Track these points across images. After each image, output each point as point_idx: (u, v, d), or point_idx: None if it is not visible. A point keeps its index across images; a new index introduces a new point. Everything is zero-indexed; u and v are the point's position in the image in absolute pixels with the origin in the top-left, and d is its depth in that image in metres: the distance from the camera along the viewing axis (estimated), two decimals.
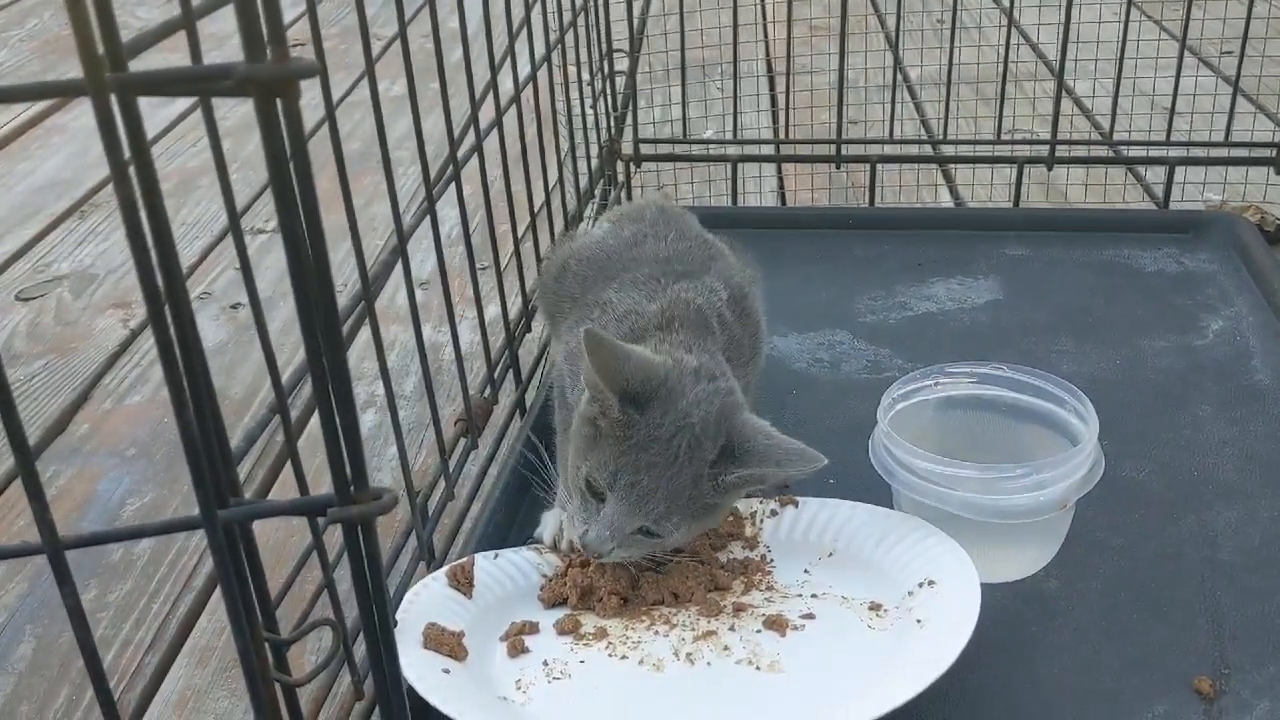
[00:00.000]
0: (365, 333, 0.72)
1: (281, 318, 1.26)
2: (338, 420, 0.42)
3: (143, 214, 0.39)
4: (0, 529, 0.96)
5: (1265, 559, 0.82)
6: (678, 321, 0.81)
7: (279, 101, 0.38)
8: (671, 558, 0.79)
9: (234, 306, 1.33)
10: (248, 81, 0.37)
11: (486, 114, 0.92)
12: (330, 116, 0.62)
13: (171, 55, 0.45)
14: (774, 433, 0.76)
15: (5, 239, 1.52)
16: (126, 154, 0.39)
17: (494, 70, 0.92)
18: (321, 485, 0.88)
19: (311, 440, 1.01)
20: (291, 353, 1.19)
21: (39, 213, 1.58)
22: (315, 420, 1.06)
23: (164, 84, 0.39)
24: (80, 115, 1.91)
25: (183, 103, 1.87)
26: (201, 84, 0.39)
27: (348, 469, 0.42)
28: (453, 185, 0.86)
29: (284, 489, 0.93)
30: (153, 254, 0.40)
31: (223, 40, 0.82)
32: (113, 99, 0.37)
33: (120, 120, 0.38)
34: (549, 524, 0.84)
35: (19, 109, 1.93)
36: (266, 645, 0.52)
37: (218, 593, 0.89)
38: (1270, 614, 0.78)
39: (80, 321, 1.32)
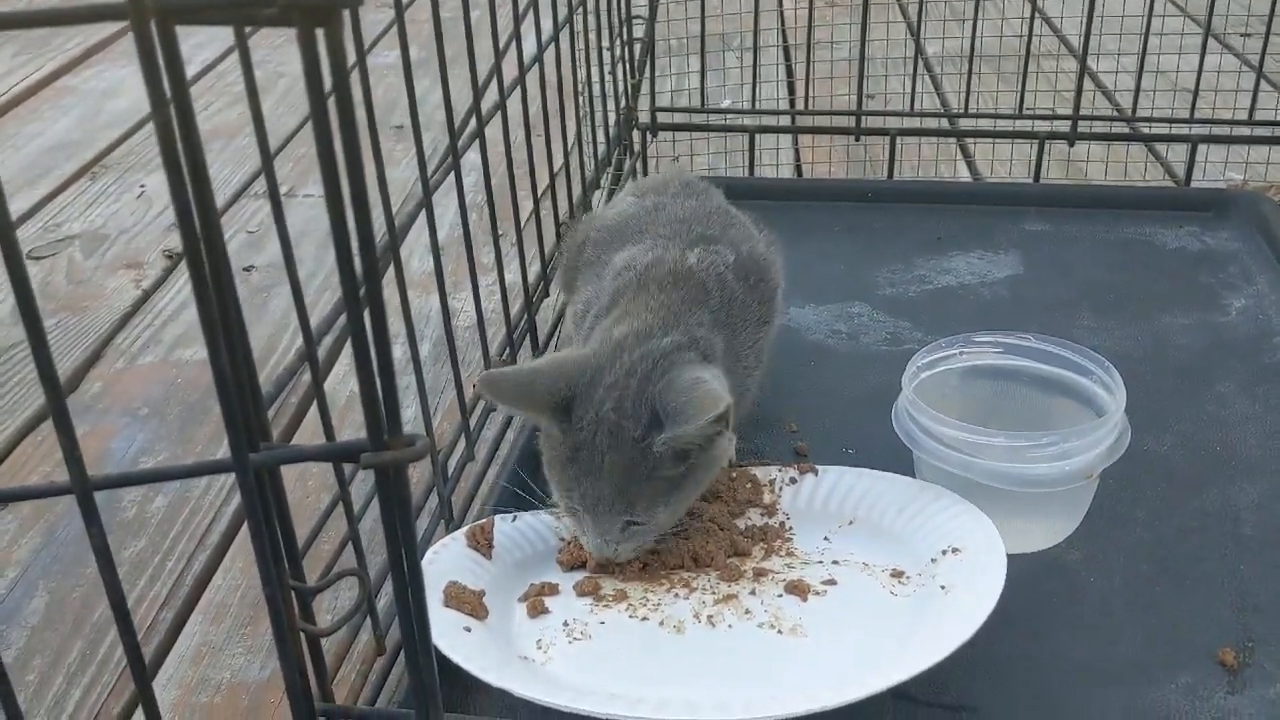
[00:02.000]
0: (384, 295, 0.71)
1: (300, 275, 1.25)
2: (374, 362, 0.42)
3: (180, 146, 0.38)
4: (18, 483, 0.95)
5: None
6: (655, 280, 0.80)
7: (321, 33, 0.37)
8: (690, 523, 0.79)
9: (246, 269, 1.32)
10: (291, 8, 0.36)
11: (505, 82, 0.91)
12: (361, 61, 0.61)
13: None
14: (702, 382, 0.72)
15: (16, 198, 1.51)
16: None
17: (517, 28, 0.91)
18: (341, 438, 0.87)
19: (329, 397, 1.00)
20: (309, 310, 1.18)
21: (49, 173, 1.57)
22: (334, 377, 1.06)
23: (205, 10, 0.38)
24: (91, 77, 1.90)
25: (196, 65, 1.85)
26: (244, 11, 0.38)
27: (383, 413, 0.42)
28: (469, 153, 0.85)
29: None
30: (189, 185, 0.39)
31: None
32: (153, 26, 0.37)
33: (159, 49, 0.38)
34: None
35: (31, 69, 1.92)
36: (293, 594, 0.52)
37: (233, 549, 0.89)
38: None
39: (92, 281, 1.31)
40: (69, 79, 1.91)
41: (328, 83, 0.36)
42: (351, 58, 0.43)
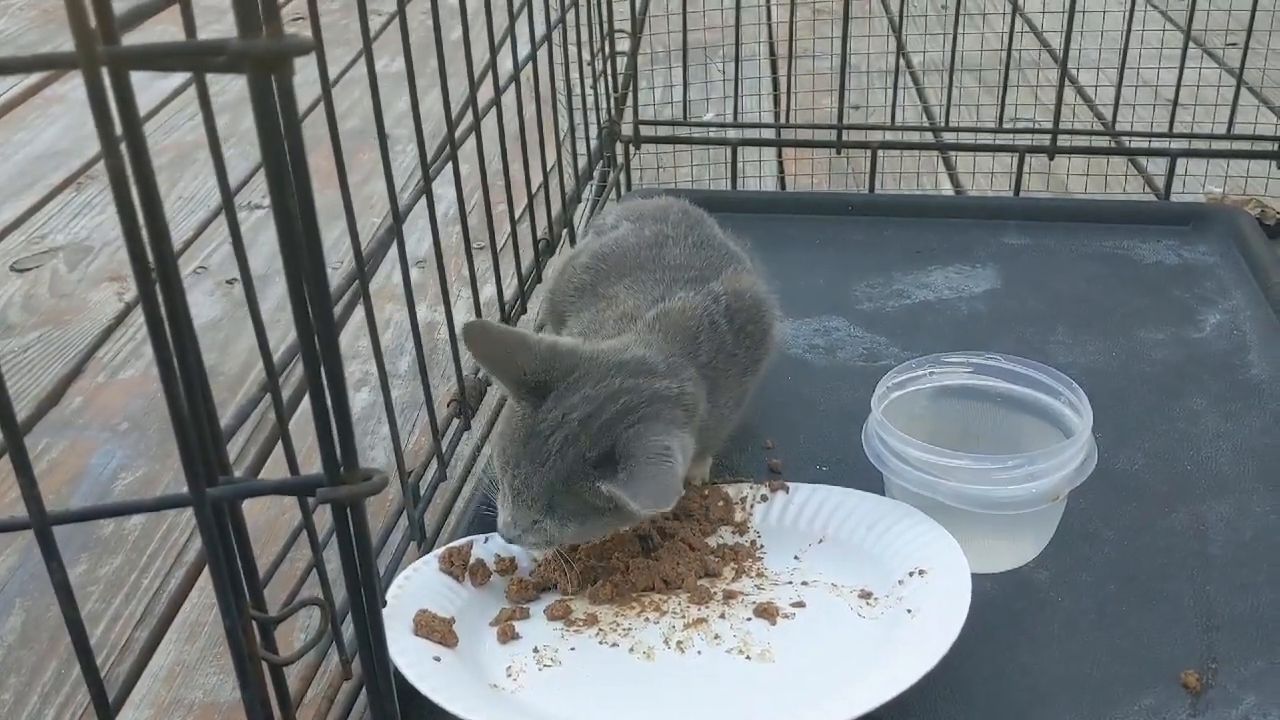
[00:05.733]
0: (360, 310, 0.72)
1: (276, 294, 1.25)
2: (328, 400, 0.42)
3: (134, 189, 0.39)
4: None
5: (1256, 553, 0.82)
6: (661, 327, 0.79)
7: (273, 78, 0.37)
8: (662, 544, 0.79)
9: (229, 281, 1.33)
10: (241, 57, 0.37)
11: (485, 94, 0.91)
12: (326, 94, 0.62)
13: (170, 28, 0.44)
14: (664, 461, 0.70)
15: (2, 209, 1.51)
16: (118, 128, 0.39)
17: (493, 50, 0.91)
18: (313, 465, 0.88)
19: (303, 420, 1.01)
20: (285, 330, 1.18)
21: (35, 183, 1.58)
22: (308, 399, 1.06)
23: (156, 58, 0.39)
24: (79, 86, 1.89)
25: (180, 76, 1.86)
26: (195, 59, 0.39)
27: (337, 449, 0.42)
28: (449, 165, 0.85)
29: (275, 468, 0.93)
30: (143, 229, 0.39)
31: (221, 14, 0.82)
32: (104, 73, 0.37)
33: (112, 94, 0.38)
34: None
35: (17, 78, 1.92)
36: (254, 623, 0.52)
37: (208, 568, 0.89)
38: (1259, 608, 0.78)
39: (75, 294, 1.32)
40: (57, 87, 1.91)
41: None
42: (336, 69, 0.43)
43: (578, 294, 0.88)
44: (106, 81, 0.38)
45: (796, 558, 0.80)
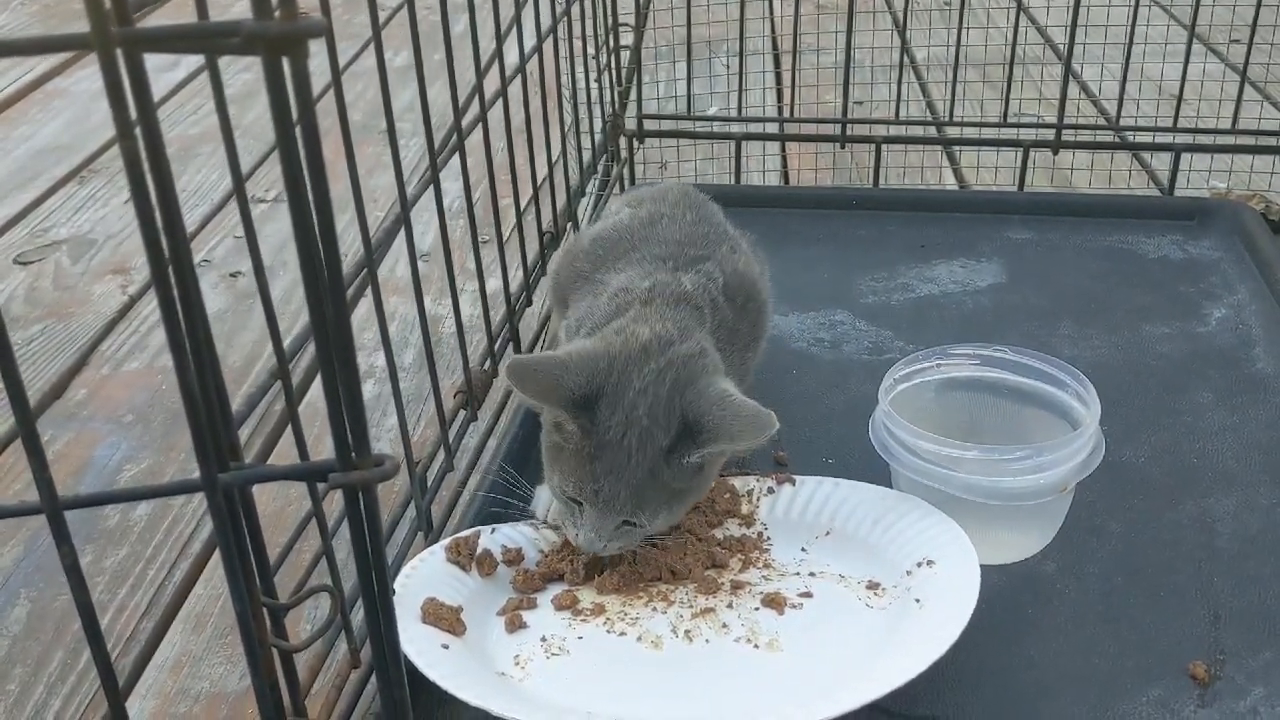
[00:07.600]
0: (365, 303, 0.72)
1: (281, 286, 1.25)
2: (340, 384, 0.42)
3: (147, 173, 0.39)
4: (2, 490, 0.95)
5: (1263, 546, 0.82)
6: (660, 299, 0.80)
7: (286, 61, 0.37)
8: (668, 535, 0.79)
9: (233, 275, 1.33)
10: (255, 39, 0.36)
11: (491, 87, 0.91)
12: (336, 80, 0.62)
13: (179, 19, 0.44)
14: (730, 398, 0.74)
15: (4, 203, 1.51)
16: (132, 112, 0.39)
17: (499, 42, 0.91)
18: (321, 453, 0.88)
19: (311, 408, 1.01)
20: (290, 321, 1.18)
21: (38, 177, 1.58)
22: (315, 388, 1.07)
23: (170, 40, 0.39)
24: (82, 79, 1.90)
25: (184, 69, 1.86)
26: (208, 40, 0.39)
27: (349, 434, 0.42)
28: (455, 157, 0.85)
29: (282, 458, 0.93)
30: (156, 213, 0.39)
31: (225, 8, 0.82)
32: (119, 54, 0.37)
33: (126, 77, 0.38)
34: (542, 499, 0.83)
35: (19, 71, 1.92)
36: (264, 610, 0.52)
37: (214, 559, 0.89)
38: (1267, 601, 0.78)
39: (78, 286, 1.31)
40: (60, 81, 1.90)
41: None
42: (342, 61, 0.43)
43: (579, 278, 0.89)
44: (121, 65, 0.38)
45: (803, 549, 0.80)
